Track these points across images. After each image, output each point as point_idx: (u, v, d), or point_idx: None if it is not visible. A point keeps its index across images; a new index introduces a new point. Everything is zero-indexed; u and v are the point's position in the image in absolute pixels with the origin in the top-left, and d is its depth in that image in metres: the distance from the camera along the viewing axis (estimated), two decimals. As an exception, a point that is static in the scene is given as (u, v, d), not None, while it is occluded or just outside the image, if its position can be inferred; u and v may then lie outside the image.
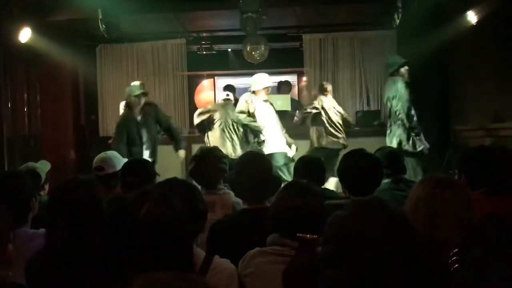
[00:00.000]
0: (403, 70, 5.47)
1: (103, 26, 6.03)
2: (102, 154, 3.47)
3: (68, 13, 6.35)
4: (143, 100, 5.26)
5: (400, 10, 5.99)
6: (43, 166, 3.35)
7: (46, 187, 3.30)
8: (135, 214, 1.40)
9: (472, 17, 6.09)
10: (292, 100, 7.71)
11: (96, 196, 1.85)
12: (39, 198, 2.61)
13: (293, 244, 1.62)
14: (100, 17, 5.95)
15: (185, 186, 1.60)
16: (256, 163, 2.40)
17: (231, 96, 6.16)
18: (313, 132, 6.40)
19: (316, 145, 6.32)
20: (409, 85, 5.38)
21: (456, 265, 1.41)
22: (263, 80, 5.77)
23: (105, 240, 1.67)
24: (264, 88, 5.73)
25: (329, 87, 6.53)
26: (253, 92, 5.73)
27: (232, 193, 2.72)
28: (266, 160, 2.52)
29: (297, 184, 1.90)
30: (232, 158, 4.96)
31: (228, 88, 7.65)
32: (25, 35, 5.97)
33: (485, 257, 1.42)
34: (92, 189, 1.87)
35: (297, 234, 1.51)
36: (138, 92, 5.22)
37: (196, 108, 8.78)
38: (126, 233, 1.41)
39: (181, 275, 0.78)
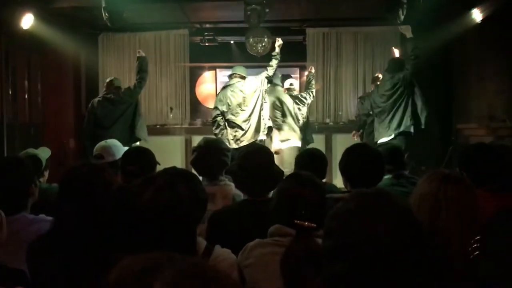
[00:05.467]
0: None
1: (106, 14, 5.98)
2: (102, 143, 3.46)
3: (72, 1, 6.32)
4: None
5: (405, 6, 5.95)
6: (43, 153, 3.34)
7: (46, 174, 3.30)
8: (139, 200, 1.39)
9: (477, 15, 6.06)
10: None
11: (107, 181, 1.85)
12: (39, 184, 2.60)
13: (293, 233, 1.61)
14: (104, 5, 5.91)
15: (186, 174, 1.60)
16: (257, 156, 2.39)
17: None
18: None
19: None
20: None
21: (477, 252, 1.41)
22: None
23: (111, 226, 1.67)
24: None
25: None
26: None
27: (233, 185, 2.71)
28: (268, 153, 2.50)
29: (298, 175, 1.89)
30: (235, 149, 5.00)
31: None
32: (27, 21, 5.94)
33: (505, 246, 1.42)
34: (103, 174, 1.86)
35: (295, 221, 1.50)
36: None
37: (197, 100, 8.82)
38: (130, 220, 1.40)
39: (169, 255, 0.75)
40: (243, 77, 5.74)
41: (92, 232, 1.68)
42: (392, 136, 5.48)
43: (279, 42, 5.81)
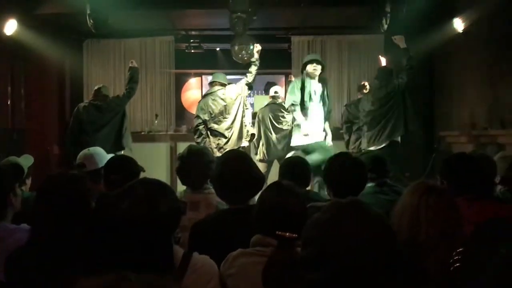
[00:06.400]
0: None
1: (91, 21, 5.96)
2: (85, 151, 3.43)
3: (56, 7, 6.28)
4: None
5: (388, 15, 6.04)
6: (25, 161, 3.30)
7: (28, 182, 3.26)
8: (117, 211, 1.39)
9: (459, 24, 6.16)
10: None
11: (84, 191, 1.84)
12: (21, 193, 2.57)
13: (275, 243, 1.62)
14: (88, 12, 5.89)
15: (160, 184, 1.60)
16: (236, 163, 2.35)
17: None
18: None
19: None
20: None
21: (457, 264, 1.43)
22: None
23: (88, 237, 1.66)
24: None
25: None
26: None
27: (216, 193, 2.70)
28: (246, 160, 2.46)
29: (280, 184, 1.90)
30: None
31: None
32: (10, 27, 5.89)
33: (487, 257, 1.44)
34: (80, 184, 1.85)
35: (276, 232, 1.51)
36: None
37: (182, 106, 8.81)
38: (108, 231, 1.39)
39: (123, 276, 0.75)
40: (224, 85, 5.76)
41: (68, 242, 1.67)
42: (384, 144, 5.49)
43: (257, 48, 5.84)
